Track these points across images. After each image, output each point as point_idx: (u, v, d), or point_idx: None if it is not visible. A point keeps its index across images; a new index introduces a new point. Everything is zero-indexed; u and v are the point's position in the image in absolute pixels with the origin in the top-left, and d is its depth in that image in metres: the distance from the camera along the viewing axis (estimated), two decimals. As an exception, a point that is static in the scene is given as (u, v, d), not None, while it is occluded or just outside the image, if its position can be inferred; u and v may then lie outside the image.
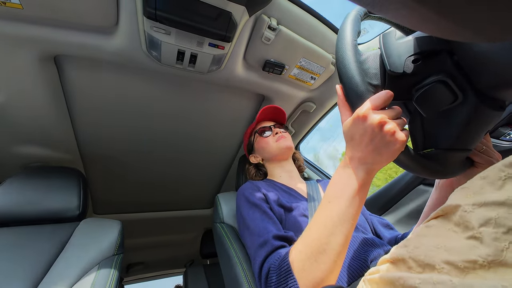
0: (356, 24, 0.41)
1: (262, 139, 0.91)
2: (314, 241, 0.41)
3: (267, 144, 0.89)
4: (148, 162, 1.23)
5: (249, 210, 0.69)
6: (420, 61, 0.36)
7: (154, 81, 0.89)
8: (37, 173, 0.82)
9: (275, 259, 0.51)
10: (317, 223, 0.42)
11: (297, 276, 0.42)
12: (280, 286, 0.45)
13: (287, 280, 0.43)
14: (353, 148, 0.39)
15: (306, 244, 0.43)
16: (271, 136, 0.91)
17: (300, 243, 0.45)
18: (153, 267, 2.17)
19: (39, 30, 0.63)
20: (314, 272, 0.40)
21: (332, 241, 0.39)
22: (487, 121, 0.36)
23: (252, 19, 0.73)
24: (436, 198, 0.57)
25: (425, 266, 0.25)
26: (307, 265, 0.41)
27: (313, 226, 0.43)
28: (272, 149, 0.88)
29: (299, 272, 0.42)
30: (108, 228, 0.79)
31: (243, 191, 0.77)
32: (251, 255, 0.59)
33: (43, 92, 0.78)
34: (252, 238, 0.61)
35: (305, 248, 0.43)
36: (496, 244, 0.20)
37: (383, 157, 0.37)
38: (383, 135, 0.35)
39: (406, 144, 0.38)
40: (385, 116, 0.35)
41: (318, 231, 0.41)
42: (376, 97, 0.35)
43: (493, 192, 0.23)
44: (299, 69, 0.94)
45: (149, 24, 0.64)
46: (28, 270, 0.61)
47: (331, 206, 0.41)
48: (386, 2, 0.19)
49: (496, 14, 0.16)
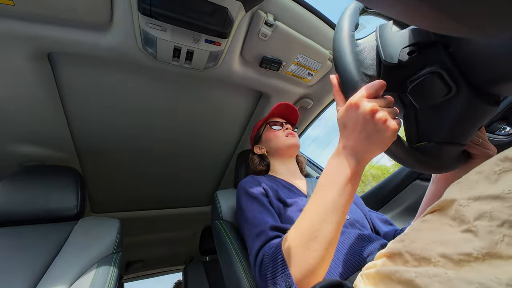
0: (354, 16, 0.41)
1: (271, 131, 0.93)
2: (307, 229, 0.42)
3: (275, 136, 0.90)
4: (146, 159, 1.23)
5: (248, 201, 0.70)
6: (416, 52, 0.36)
7: (151, 78, 0.88)
8: (33, 172, 0.81)
9: (269, 247, 0.52)
10: (310, 211, 0.43)
11: (289, 264, 0.43)
12: (273, 274, 0.46)
13: (280, 268, 0.44)
14: (346, 137, 0.40)
15: (299, 232, 0.44)
16: (281, 130, 0.92)
17: (293, 231, 0.46)
18: (152, 265, 2.18)
19: (31, 27, 0.62)
20: (305, 259, 0.41)
21: (323, 228, 0.40)
22: (481, 116, 0.36)
23: (249, 15, 0.73)
24: (433, 193, 0.57)
25: (421, 260, 0.25)
26: (299, 252, 0.42)
27: (306, 214, 0.44)
28: (280, 142, 0.89)
29: (291, 259, 0.43)
30: (107, 227, 0.79)
31: (243, 184, 0.77)
32: (248, 245, 0.60)
33: (37, 90, 0.77)
34: (250, 228, 0.63)
35: (297, 235, 0.44)
36: (491, 237, 0.21)
37: (375, 146, 0.37)
38: (375, 123, 0.35)
39: (399, 136, 0.38)
40: (377, 104, 0.35)
41: (311, 219, 0.42)
42: (369, 85, 0.36)
43: (488, 186, 0.23)
44: (296, 65, 0.93)
45: (144, 20, 0.63)
46: (27, 270, 0.60)
47: (324, 194, 0.42)
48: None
49: (492, 9, 0.16)
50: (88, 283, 0.61)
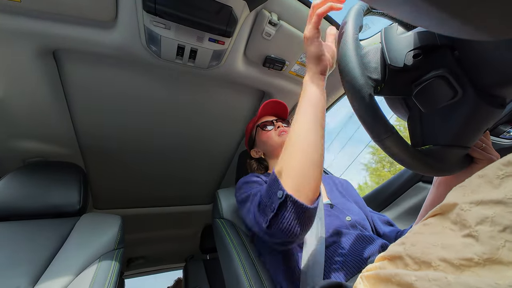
0: (358, 18, 0.41)
1: (263, 133, 0.90)
2: (289, 145, 0.48)
3: (268, 137, 0.88)
4: (148, 157, 1.23)
5: (247, 186, 0.71)
6: (421, 56, 0.35)
7: (154, 76, 0.88)
8: (37, 168, 0.82)
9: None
10: (290, 132, 0.49)
11: (281, 178, 0.47)
12: (269, 196, 0.48)
13: (274, 186, 0.47)
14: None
15: (284, 151, 0.49)
16: (273, 130, 0.89)
17: (281, 154, 0.50)
18: (153, 262, 2.19)
19: (37, 24, 0.63)
20: (291, 166, 0.46)
21: (301, 137, 0.47)
22: (487, 119, 0.36)
23: (253, 14, 0.72)
24: (435, 196, 0.57)
25: (421, 264, 0.25)
26: (286, 163, 0.47)
27: (289, 135, 0.50)
28: (274, 142, 0.87)
29: (281, 173, 0.47)
30: (109, 223, 0.79)
31: (243, 178, 0.78)
32: (250, 215, 0.58)
33: (42, 87, 0.78)
34: (249, 200, 0.63)
35: (283, 154, 0.49)
36: (492, 242, 0.20)
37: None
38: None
39: (404, 139, 0.38)
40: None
41: (292, 137, 0.48)
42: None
43: (490, 190, 0.23)
44: (300, 65, 0.93)
45: (148, 18, 0.63)
46: (29, 264, 0.61)
47: (298, 116, 0.49)
48: None
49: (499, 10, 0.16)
50: (89, 279, 0.61)
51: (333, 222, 0.67)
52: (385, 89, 0.39)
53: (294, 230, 0.45)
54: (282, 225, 0.45)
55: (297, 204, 0.44)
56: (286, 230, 0.45)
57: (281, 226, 0.45)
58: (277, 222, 0.45)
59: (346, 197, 0.81)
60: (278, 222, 0.45)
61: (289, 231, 0.45)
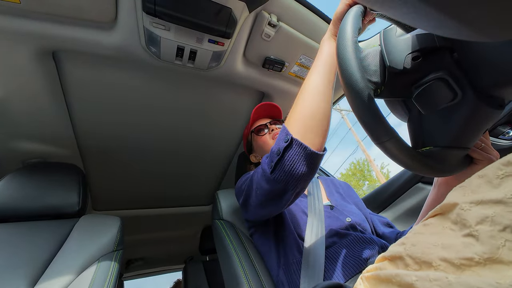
0: (357, 21, 0.41)
1: (259, 138, 0.90)
2: (299, 95, 0.51)
3: (264, 142, 0.88)
4: (147, 158, 1.23)
5: (246, 177, 0.72)
6: (420, 58, 0.35)
7: (154, 77, 0.88)
8: (36, 169, 0.81)
9: None
10: (303, 84, 0.52)
11: (289, 127, 0.49)
12: (277, 146, 0.50)
13: (282, 136, 0.49)
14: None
15: (295, 103, 0.52)
16: (267, 134, 0.88)
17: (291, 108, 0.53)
18: (152, 263, 2.18)
19: (36, 25, 0.63)
20: (297, 112, 0.49)
21: (311, 87, 0.50)
22: (486, 119, 0.36)
23: (252, 15, 0.73)
24: (435, 196, 0.57)
25: (422, 264, 0.25)
26: (294, 112, 0.50)
27: (301, 87, 0.52)
28: (269, 147, 0.86)
29: (289, 121, 0.50)
30: (108, 225, 0.79)
31: (242, 176, 0.77)
32: (254, 179, 0.59)
33: (42, 88, 0.78)
34: (251, 177, 0.63)
35: (293, 106, 0.52)
36: (492, 242, 0.21)
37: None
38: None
39: (404, 141, 0.38)
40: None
41: (303, 88, 0.51)
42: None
43: (490, 190, 0.23)
44: (299, 66, 0.93)
45: (148, 19, 0.63)
46: (28, 265, 0.61)
47: (311, 70, 0.52)
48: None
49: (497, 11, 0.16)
50: (88, 280, 0.61)
51: (333, 223, 0.67)
52: (385, 91, 0.39)
53: (297, 170, 0.47)
54: (286, 166, 0.47)
55: (302, 146, 0.46)
56: (289, 171, 0.47)
57: (285, 167, 0.47)
58: (282, 164, 0.47)
59: (346, 199, 0.81)
60: (283, 163, 0.47)
61: (293, 171, 0.47)
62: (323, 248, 0.59)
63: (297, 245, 0.63)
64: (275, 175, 0.49)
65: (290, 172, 0.47)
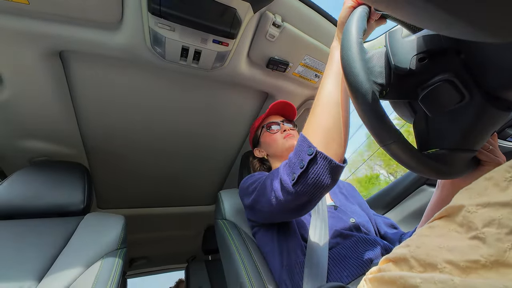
0: (361, 22, 0.41)
1: (269, 135, 0.89)
2: (315, 107, 0.51)
3: (273, 140, 0.87)
4: (152, 157, 1.24)
5: (252, 178, 0.72)
6: (427, 59, 0.35)
7: (158, 77, 0.89)
8: (42, 167, 0.83)
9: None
10: (317, 94, 0.51)
11: (310, 139, 0.48)
12: (298, 155, 0.49)
13: (304, 145, 0.49)
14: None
15: (311, 114, 0.51)
16: (279, 132, 0.88)
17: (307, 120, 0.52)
18: (155, 262, 2.19)
19: (44, 26, 0.64)
20: (317, 124, 0.49)
21: (326, 98, 0.49)
22: (493, 122, 0.36)
23: (257, 15, 0.73)
24: (439, 198, 0.56)
25: (427, 266, 0.25)
26: (312, 124, 0.50)
27: (316, 98, 0.52)
28: (278, 146, 0.85)
29: (308, 133, 0.49)
30: (112, 223, 0.80)
31: (247, 177, 0.77)
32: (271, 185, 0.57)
33: (49, 88, 0.79)
34: (263, 181, 0.62)
35: (310, 117, 0.51)
36: (499, 244, 0.20)
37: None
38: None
39: (410, 143, 0.38)
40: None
41: (318, 98, 0.51)
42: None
43: (497, 193, 0.23)
44: (303, 66, 0.93)
45: (153, 20, 0.64)
46: (33, 262, 0.62)
47: (324, 79, 0.51)
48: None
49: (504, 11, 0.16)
50: (92, 278, 0.62)
51: (337, 224, 0.66)
52: (390, 93, 0.38)
53: (322, 183, 0.46)
54: (310, 179, 0.46)
55: (327, 159, 0.46)
56: (313, 184, 0.47)
57: (309, 181, 0.47)
58: (306, 177, 0.47)
59: (350, 199, 0.81)
60: (307, 177, 0.47)
61: (317, 184, 0.46)
62: (326, 248, 0.59)
63: (300, 246, 0.63)
64: (297, 188, 0.48)
65: (314, 185, 0.47)
